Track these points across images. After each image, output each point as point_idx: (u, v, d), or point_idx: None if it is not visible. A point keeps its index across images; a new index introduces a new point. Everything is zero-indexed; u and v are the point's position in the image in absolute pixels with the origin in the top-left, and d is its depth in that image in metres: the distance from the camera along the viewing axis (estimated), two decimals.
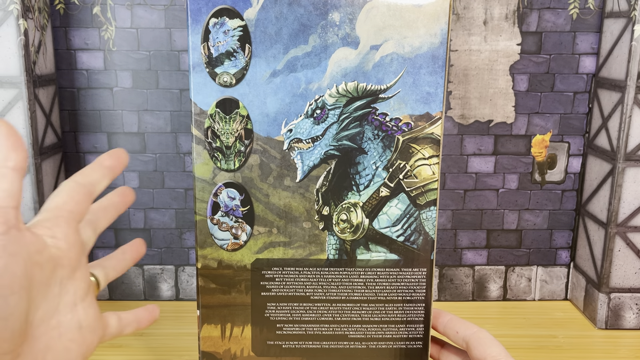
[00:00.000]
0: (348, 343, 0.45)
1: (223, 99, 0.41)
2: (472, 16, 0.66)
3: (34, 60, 0.60)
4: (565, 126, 0.69)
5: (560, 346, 0.63)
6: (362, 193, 0.42)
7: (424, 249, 0.43)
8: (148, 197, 0.69)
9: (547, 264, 0.73)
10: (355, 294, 0.44)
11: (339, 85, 0.41)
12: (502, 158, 0.70)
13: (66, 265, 0.29)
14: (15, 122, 0.59)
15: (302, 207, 0.43)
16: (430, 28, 0.40)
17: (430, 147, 0.42)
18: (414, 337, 0.44)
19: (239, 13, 0.40)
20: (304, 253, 0.43)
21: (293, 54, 0.40)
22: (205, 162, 0.42)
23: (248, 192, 0.42)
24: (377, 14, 0.40)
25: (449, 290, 0.73)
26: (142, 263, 0.71)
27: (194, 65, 0.40)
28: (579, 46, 0.67)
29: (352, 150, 0.42)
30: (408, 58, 0.40)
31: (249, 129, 0.41)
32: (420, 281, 0.44)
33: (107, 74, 0.66)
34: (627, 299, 0.65)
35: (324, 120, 0.41)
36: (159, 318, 0.39)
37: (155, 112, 0.67)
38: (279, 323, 0.44)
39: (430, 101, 0.41)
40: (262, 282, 0.44)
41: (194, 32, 0.40)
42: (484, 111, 0.68)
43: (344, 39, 0.40)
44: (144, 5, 0.65)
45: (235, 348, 0.45)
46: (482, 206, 0.71)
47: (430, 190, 0.42)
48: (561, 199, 0.71)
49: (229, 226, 0.43)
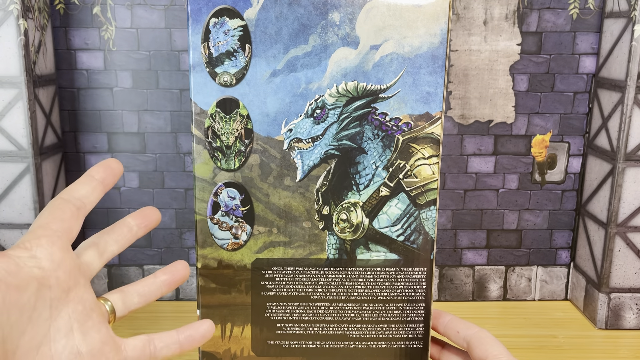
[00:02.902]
0: (348, 343, 0.45)
1: (223, 99, 0.41)
2: (472, 16, 0.66)
3: (34, 60, 0.60)
4: (565, 126, 0.69)
5: (560, 346, 0.63)
6: (362, 193, 0.42)
7: (424, 248, 0.43)
8: (148, 197, 0.69)
9: (547, 264, 0.73)
10: (355, 294, 0.44)
11: (338, 85, 0.41)
12: (502, 158, 0.70)
13: (54, 285, 0.28)
14: (15, 122, 0.59)
15: (302, 207, 0.43)
16: (430, 28, 0.40)
17: (430, 146, 0.42)
18: (414, 337, 0.44)
19: (239, 13, 0.40)
20: (304, 253, 0.43)
21: (293, 53, 0.40)
22: (206, 161, 0.42)
23: (248, 192, 0.42)
24: (377, 14, 0.40)
25: (449, 290, 0.73)
26: (142, 263, 0.71)
27: (194, 65, 0.40)
28: (579, 46, 0.67)
29: (352, 150, 0.42)
30: (408, 58, 0.40)
31: (249, 128, 0.41)
32: (420, 281, 0.44)
33: (107, 74, 0.66)
34: (627, 299, 0.65)
35: (324, 120, 0.41)
36: (159, 318, 0.38)
37: (155, 112, 0.67)
38: (279, 323, 0.44)
39: (430, 101, 0.41)
40: (262, 282, 0.44)
41: (194, 32, 0.40)
42: (484, 111, 0.68)
43: (344, 39, 0.40)
44: (144, 5, 0.65)
45: (235, 348, 0.45)
46: (482, 206, 0.71)
47: (430, 189, 0.42)
48: (561, 199, 0.71)
49: (229, 226, 0.43)
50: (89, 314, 0.30)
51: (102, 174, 0.32)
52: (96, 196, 0.32)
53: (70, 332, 0.29)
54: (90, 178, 0.32)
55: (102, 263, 0.32)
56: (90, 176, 0.32)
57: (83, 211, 0.31)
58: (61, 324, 0.28)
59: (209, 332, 0.35)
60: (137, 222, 0.34)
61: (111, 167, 0.33)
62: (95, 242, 0.33)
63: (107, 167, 0.33)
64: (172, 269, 0.36)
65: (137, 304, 0.34)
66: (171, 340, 0.34)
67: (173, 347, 0.34)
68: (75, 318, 0.29)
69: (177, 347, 0.34)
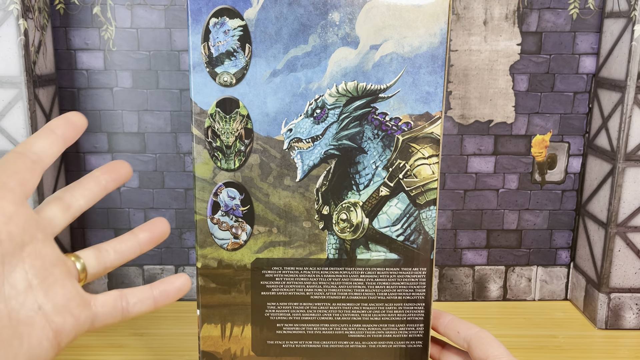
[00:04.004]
0: (348, 342, 0.45)
1: (223, 99, 0.41)
2: (472, 16, 0.66)
3: (34, 60, 0.60)
4: (565, 126, 0.69)
5: (560, 346, 0.63)
6: (362, 192, 0.42)
7: (424, 248, 0.43)
8: (148, 197, 0.69)
9: (547, 264, 0.73)
10: (355, 294, 0.44)
11: (338, 85, 0.41)
12: (502, 158, 0.70)
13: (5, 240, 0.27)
14: (15, 122, 0.59)
15: (302, 207, 0.43)
16: (429, 28, 0.40)
17: (430, 146, 0.42)
18: (414, 337, 0.44)
19: (239, 13, 0.40)
20: (304, 252, 0.43)
21: (293, 53, 0.40)
22: (206, 161, 0.42)
23: (248, 192, 0.42)
24: (376, 14, 0.40)
25: (449, 290, 0.73)
26: (142, 263, 0.71)
27: (194, 65, 0.40)
28: (579, 46, 0.67)
29: (352, 150, 0.42)
30: (408, 58, 0.40)
31: (249, 128, 0.41)
32: (420, 281, 0.44)
33: (107, 74, 0.66)
34: (627, 299, 0.65)
35: (324, 120, 0.41)
36: (159, 318, 0.38)
37: (155, 112, 0.67)
38: (279, 322, 0.44)
39: (429, 101, 0.41)
40: (262, 282, 0.44)
41: (194, 32, 0.40)
42: (484, 111, 0.68)
43: (344, 39, 0.40)
44: (144, 5, 0.65)
45: (235, 348, 0.45)
46: (482, 206, 0.71)
47: (430, 189, 0.42)
48: (561, 199, 0.71)
49: (229, 226, 0.43)
50: (50, 269, 0.29)
51: (63, 128, 0.31)
52: (55, 150, 0.30)
53: (28, 288, 0.27)
54: (49, 131, 0.30)
55: (67, 218, 0.31)
56: (50, 130, 0.30)
57: (40, 165, 0.29)
58: (17, 279, 0.27)
59: (185, 286, 0.34)
60: (105, 176, 0.33)
61: (72, 120, 0.31)
62: (60, 197, 0.31)
63: (68, 121, 0.31)
64: (150, 225, 0.34)
65: (114, 260, 0.32)
66: (145, 296, 0.33)
67: (147, 303, 0.33)
68: (33, 274, 0.28)
69: (151, 302, 0.33)
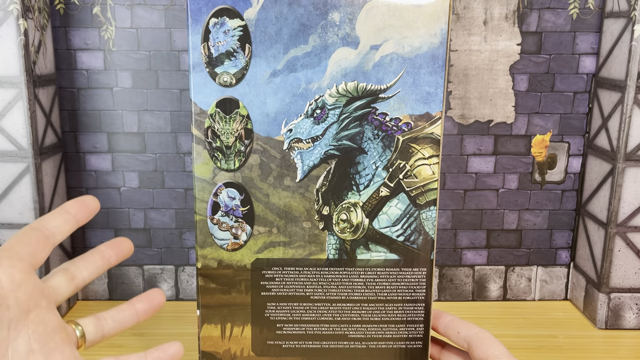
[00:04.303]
0: (348, 343, 0.45)
1: (223, 99, 0.41)
2: (472, 16, 0.66)
3: (34, 60, 0.60)
4: (565, 126, 0.69)
5: (560, 346, 0.63)
6: (362, 193, 0.42)
7: (424, 248, 0.43)
8: (148, 197, 0.69)
9: (547, 264, 0.73)
10: (355, 294, 0.44)
11: (338, 85, 0.41)
12: (502, 158, 0.70)
13: (13, 306, 0.29)
14: (15, 122, 0.59)
15: (302, 207, 0.43)
16: (430, 28, 0.40)
17: (430, 146, 0.42)
18: (414, 337, 0.44)
19: (239, 13, 0.40)
20: (304, 253, 0.43)
21: (293, 53, 0.40)
22: (206, 161, 0.42)
23: (248, 192, 0.42)
24: (377, 14, 0.40)
25: (449, 290, 0.73)
26: (142, 263, 0.71)
27: (194, 65, 0.40)
28: (579, 46, 0.67)
29: (352, 150, 0.42)
30: (408, 58, 0.40)
31: (249, 128, 0.41)
32: (420, 281, 0.44)
33: (107, 74, 0.66)
34: (627, 299, 0.65)
35: (324, 120, 0.41)
36: (159, 318, 0.38)
37: (155, 112, 0.67)
38: (279, 323, 0.44)
39: (430, 101, 0.41)
40: (262, 282, 0.44)
41: (194, 32, 0.40)
42: (484, 111, 0.68)
43: (344, 39, 0.40)
44: (144, 5, 0.65)
45: (235, 348, 0.45)
46: (482, 206, 0.71)
47: (430, 190, 0.42)
48: (561, 199, 0.71)
49: (229, 226, 0.43)
50: (51, 335, 0.30)
51: (77, 209, 0.33)
52: (68, 229, 0.33)
53: (30, 352, 0.29)
54: (64, 211, 0.33)
55: (72, 289, 0.33)
56: (65, 210, 0.33)
57: (52, 240, 0.32)
58: (20, 344, 0.29)
59: (178, 354, 0.36)
60: (109, 251, 0.35)
61: (87, 203, 0.34)
62: (66, 268, 0.34)
63: (83, 203, 0.34)
64: (148, 296, 0.37)
65: (112, 329, 0.35)
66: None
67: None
68: (35, 339, 0.30)
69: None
